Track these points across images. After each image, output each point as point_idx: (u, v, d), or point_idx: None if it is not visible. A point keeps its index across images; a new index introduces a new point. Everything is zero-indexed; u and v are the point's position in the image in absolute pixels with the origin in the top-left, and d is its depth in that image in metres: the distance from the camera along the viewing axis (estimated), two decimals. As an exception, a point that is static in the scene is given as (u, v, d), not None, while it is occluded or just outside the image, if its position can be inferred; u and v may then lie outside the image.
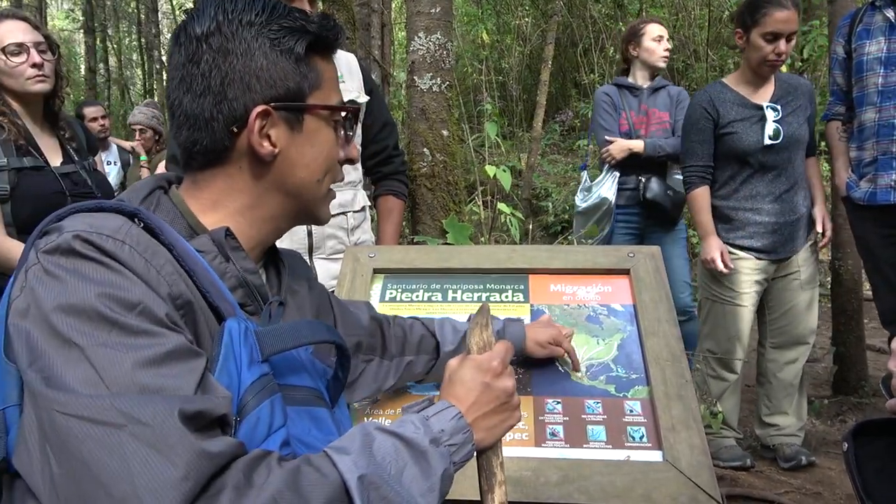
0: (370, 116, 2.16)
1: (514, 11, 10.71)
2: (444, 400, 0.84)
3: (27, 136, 2.03)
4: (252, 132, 0.82)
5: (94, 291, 0.65)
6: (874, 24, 2.60)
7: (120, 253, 0.69)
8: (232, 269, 0.82)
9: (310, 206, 0.90)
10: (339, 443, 0.72)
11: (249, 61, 0.81)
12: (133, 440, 0.59)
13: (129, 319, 0.65)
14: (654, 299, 1.47)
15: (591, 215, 3.25)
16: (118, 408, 0.60)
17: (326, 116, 0.88)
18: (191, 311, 0.73)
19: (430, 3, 2.77)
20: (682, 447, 1.21)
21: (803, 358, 2.70)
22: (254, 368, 0.75)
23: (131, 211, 0.75)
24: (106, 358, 0.63)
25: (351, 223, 2.09)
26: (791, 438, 2.67)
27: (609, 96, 3.29)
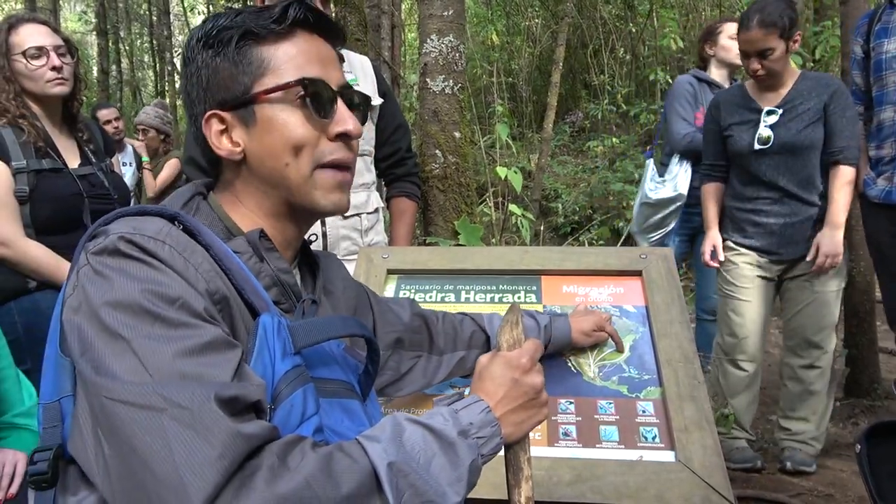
0: (383, 119, 2.18)
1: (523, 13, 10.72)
2: (473, 394, 0.87)
3: (46, 138, 2.06)
4: (208, 138, 0.88)
5: (138, 288, 0.70)
6: (892, 22, 2.58)
7: (161, 252, 0.74)
8: (266, 268, 0.87)
9: (296, 194, 0.88)
10: (371, 431, 0.75)
11: (201, 75, 0.87)
12: (173, 422, 0.63)
13: (170, 313, 0.70)
14: (666, 301, 1.48)
15: (663, 208, 3.15)
16: (160, 393, 0.64)
17: (283, 98, 0.86)
18: (227, 307, 0.78)
19: (442, 5, 2.78)
20: (694, 448, 1.22)
21: (822, 363, 2.59)
22: (287, 360, 0.79)
23: (172, 214, 0.80)
24: (149, 348, 0.67)
25: (364, 224, 2.11)
26: (803, 445, 2.61)
27: (692, 87, 3.19)
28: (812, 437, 2.61)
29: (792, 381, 2.65)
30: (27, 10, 8.81)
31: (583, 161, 8.95)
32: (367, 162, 2.13)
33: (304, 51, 0.88)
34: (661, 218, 3.19)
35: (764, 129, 2.51)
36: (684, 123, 3.11)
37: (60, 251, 1.97)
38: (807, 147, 2.49)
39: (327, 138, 0.88)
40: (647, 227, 3.24)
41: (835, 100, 2.47)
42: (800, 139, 2.48)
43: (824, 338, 2.59)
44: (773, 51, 2.44)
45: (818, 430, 2.62)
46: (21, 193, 1.96)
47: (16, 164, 1.96)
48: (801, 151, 2.49)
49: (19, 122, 2.00)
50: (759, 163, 2.55)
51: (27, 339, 1.97)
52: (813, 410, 2.61)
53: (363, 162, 2.11)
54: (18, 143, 1.98)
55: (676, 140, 3.13)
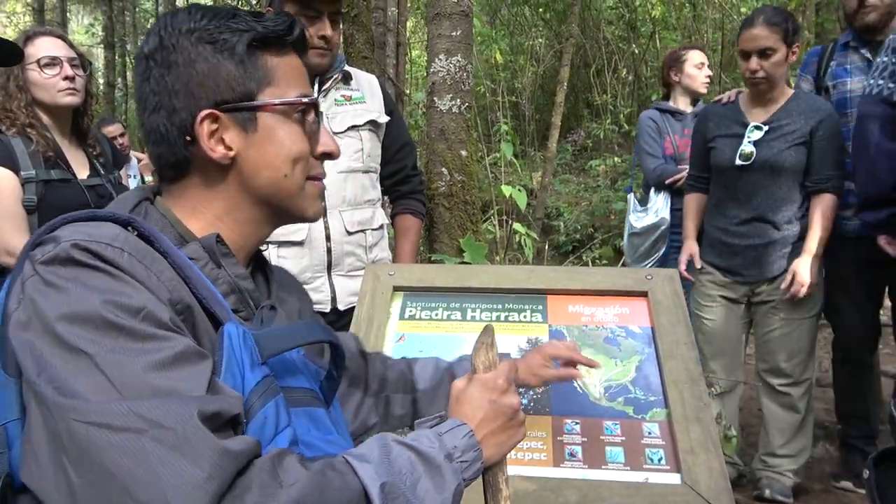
0: (389, 137, 2.19)
1: (527, 32, 10.81)
2: (454, 418, 0.86)
3: (56, 148, 2.08)
4: (202, 138, 0.82)
5: (98, 299, 0.65)
6: (851, 62, 2.65)
7: (120, 260, 0.69)
8: (224, 275, 0.83)
9: (286, 204, 0.89)
10: (359, 450, 0.74)
11: (191, 69, 0.82)
12: (155, 444, 0.59)
13: (135, 324, 0.65)
14: (671, 322, 1.49)
15: (649, 236, 3.24)
16: (137, 413, 0.60)
17: (285, 111, 0.86)
18: (190, 317, 0.74)
19: (451, 26, 2.81)
20: (700, 470, 1.21)
21: (797, 391, 2.51)
22: (256, 371, 0.76)
23: (125, 220, 0.76)
24: (116, 364, 0.63)
25: (369, 241, 2.11)
26: (781, 476, 2.54)
27: (653, 121, 3.31)
28: (790, 469, 2.54)
29: (770, 409, 2.59)
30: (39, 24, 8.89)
31: (585, 180, 8.98)
32: (372, 179, 2.15)
33: (298, 67, 0.90)
34: (649, 245, 3.27)
35: (746, 145, 2.49)
36: (651, 158, 3.27)
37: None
38: (786, 168, 2.45)
39: (313, 155, 0.90)
40: (638, 256, 3.33)
41: (823, 126, 2.44)
42: (780, 159, 2.45)
43: (796, 366, 2.52)
44: (775, 52, 2.42)
45: (797, 462, 2.55)
46: (29, 203, 1.97)
47: (24, 173, 1.97)
48: (781, 172, 2.46)
49: (28, 131, 2.02)
50: (737, 179, 2.53)
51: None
52: (792, 441, 2.54)
53: (369, 179, 2.12)
54: (27, 153, 2.00)
55: (649, 175, 3.30)
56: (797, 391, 2.52)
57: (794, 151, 2.45)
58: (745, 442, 3.02)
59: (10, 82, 2.04)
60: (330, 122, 2.04)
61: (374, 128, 2.13)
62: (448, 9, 2.81)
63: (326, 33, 1.94)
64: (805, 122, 2.46)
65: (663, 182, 3.20)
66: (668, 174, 3.18)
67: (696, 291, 2.68)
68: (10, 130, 2.00)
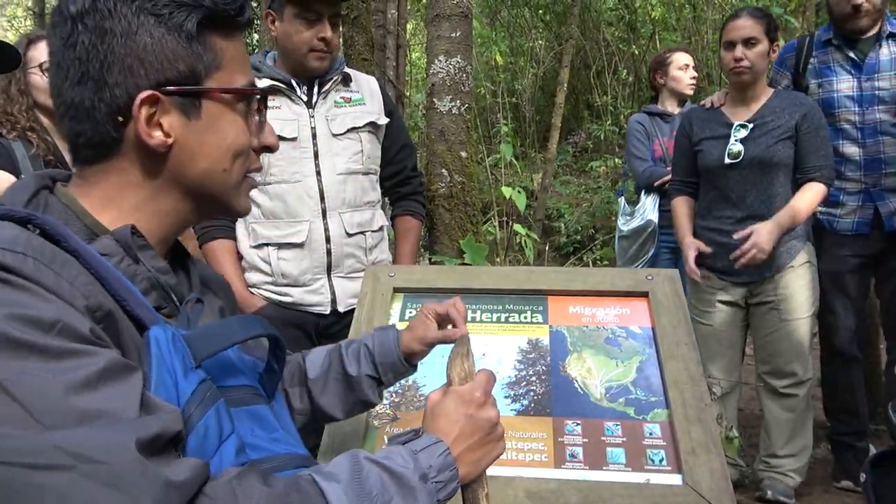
0: (389, 138, 2.19)
1: (527, 34, 10.82)
2: (429, 434, 0.80)
3: (56, 151, 2.08)
4: (139, 121, 0.73)
5: (1, 315, 0.56)
6: (833, 61, 2.67)
7: (23, 267, 0.59)
8: (142, 270, 0.75)
9: (219, 197, 0.83)
10: (328, 469, 0.70)
11: (131, 41, 0.72)
12: (86, 481, 0.51)
13: (49, 341, 0.56)
14: (672, 322, 1.48)
15: (636, 238, 3.28)
16: (60, 446, 0.52)
17: (230, 100, 0.80)
18: (112, 323, 0.66)
19: (450, 27, 2.82)
20: (702, 471, 1.21)
21: (798, 391, 2.50)
22: (190, 377, 0.69)
23: (23, 216, 0.65)
24: (30, 388, 0.53)
25: (369, 242, 2.11)
26: (783, 477, 2.53)
27: (641, 125, 3.36)
28: (792, 469, 2.53)
29: (770, 410, 2.58)
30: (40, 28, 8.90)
31: (585, 181, 8.98)
32: (372, 180, 2.15)
33: (244, 54, 0.83)
34: (637, 248, 3.30)
35: (734, 144, 2.50)
36: (640, 161, 3.32)
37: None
38: (776, 163, 2.46)
39: (253, 148, 0.85)
40: (627, 259, 3.36)
41: (807, 119, 2.45)
42: (769, 155, 2.45)
43: (797, 367, 2.51)
44: (759, 42, 2.46)
45: (799, 462, 2.54)
46: (29, 207, 1.98)
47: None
48: (771, 168, 2.47)
49: (28, 134, 2.02)
50: (727, 178, 2.53)
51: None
52: (793, 441, 2.53)
53: (368, 180, 2.12)
54: (28, 157, 2.00)
55: (638, 177, 3.35)
56: (799, 391, 2.52)
57: (782, 146, 2.46)
58: (746, 443, 3.01)
59: (11, 86, 2.04)
60: (329, 123, 2.05)
61: (374, 129, 2.13)
62: (447, 10, 2.81)
63: (326, 35, 1.95)
64: (789, 116, 2.47)
65: (653, 184, 3.24)
66: (656, 176, 3.22)
67: (694, 297, 2.67)
68: (10, 134, 2.01)
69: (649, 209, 3.23)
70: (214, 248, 2.06)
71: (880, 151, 2.61)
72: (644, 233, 3.26)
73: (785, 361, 2.51)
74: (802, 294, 2.50)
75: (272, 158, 1.98)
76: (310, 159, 2.02)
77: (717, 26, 8.64)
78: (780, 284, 2.50)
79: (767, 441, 2.59)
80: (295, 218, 2.01)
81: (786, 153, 2.46)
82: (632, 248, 3.32)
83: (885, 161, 2.61)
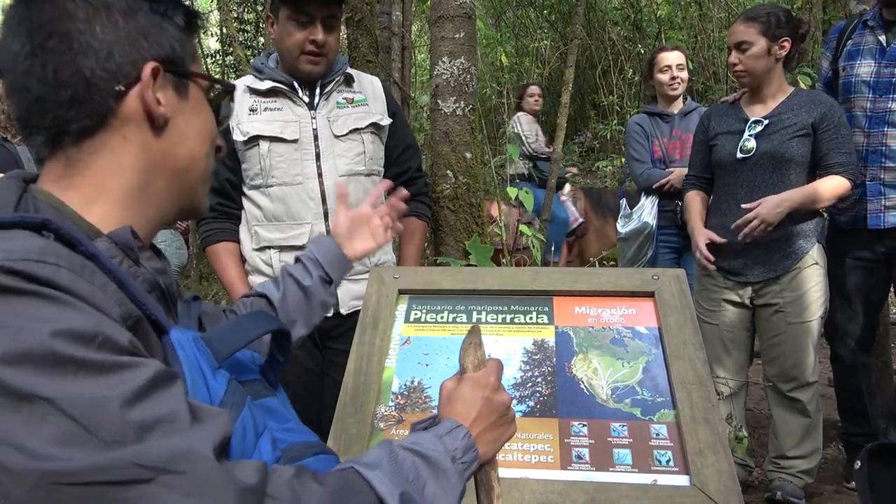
0: (393, 139, 2.18)
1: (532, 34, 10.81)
2: (449, 419, 0.85)
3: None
4: (147, 89, 0.74)
5: (45, 331, 0.54)
6: (864, 44, 2.59)
7: (58, 279, 0.58)
8: (143, 272, 0.74)
9: (194, 187, 0.84)
10: (367, 459, 0.72)
11: (132, 19, 0.75)
12: (167, 491, 0.52)
13: (93, 355, 0.55)
14: (678, 322, 1.47)
15: (634, 240, 3.28)
16: (137, 462, 0.52)
17: (205, 89, 0.85)
18: (142, 330, 0.66)
19: (454, 28, 2.81)
20: (709, 472, 1.20)
21: (805, 394, 2.47)
22: (219, 377, 0.71)
23: (38, 223, 0.63)
24: (84, 405, 0.53)
25: None
26: (792, 478, 2.51)
27: (640, 126, 3.35)
28: (802, 470, 2.51)
29: (778, 412, 2.55)
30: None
31: (591, 181, 8.95)
32: (374, 182, 2.14)
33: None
34: (636, 249, 3.30)
35: (748, 140, 2.48)
36: (638, 164, 3.32)
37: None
38: (788, 160, 2.42)
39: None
40: (627, 261, 3.37)
41: (827, 118, 2.41)
42: (781, 150, 2.42)
43: (802, 371, 2.47)
44: (751, 45, 2.44)
45: (809, 464, 2.51)
46: (36, 212, 1.98)
47: (31, 183, 1.99)
48: (782, 164, 2.43)
49: None
50: (738, 174, 2.51)
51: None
52: (802, 444, 2.50)
53: (371, 182, 2.12)
54: (33, 161, 2.01)
55: (636, 180, 3.35)
56: (806, 394, 2.49)
57: (796, 143, 2.42)
58: (755, 443, 2.99)
59: None
60: (331, 125, 2.04)
61: (377, 130, 2.12)
62: (451, 11, 2.81)
63: (317, 38, 1.93)
64: (806, 114, 2.43)
65: (651, 186, 3.23)
66: (654, 178, 3.22)
67: (700, 295, 2.66)
68: (15, 139, 2.02)
69: (647, 212, 3.23)
70: (218, 250, 2.06)
71: (882, 143, 2.54)
72: (641, 235, 3.25)
73: (790, 365, 2.48)
74: (810, 297, 2.46)
75: (274, 161, 1.98)
76: (311, 161, 2.01)
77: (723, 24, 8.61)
78: (787, 286, 2.47)
79: (776, 443, 2.57)
80: (296, 220, 2.00)
81: (799, 150, 2.42)
82: (630, 251, 3.32)
83: (885, 154, 2.54)
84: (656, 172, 3.23)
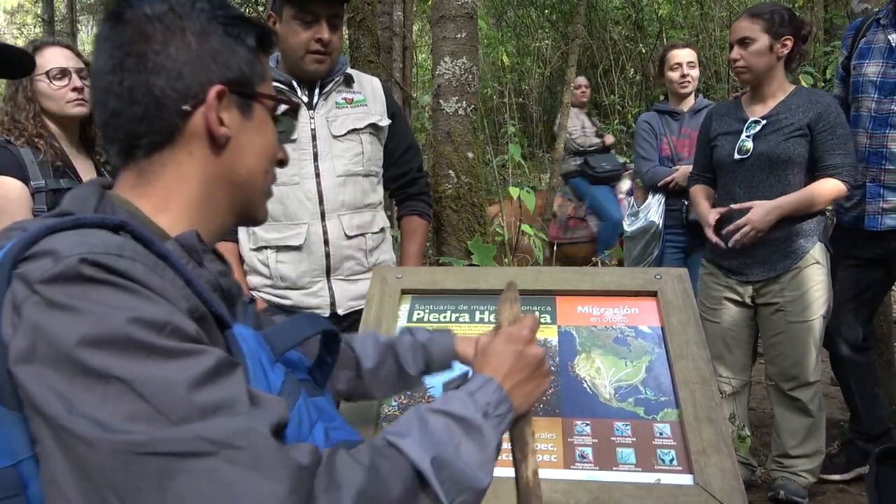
0: (393, 140, 2.18)
1: (533, 34, 10.81)
2: (480, 374, 0.86)
3: (64, 158, 2.09)
4: (210, 111, 0.79)
5: (122, 318, 0.60)
6: (875, 42, 2.57)
7: (134, 272, 0.64)
8: (206, 273, 0.79)
9: (254, 199, 0.88)
10: (397, 428, 0.74)
11: (204, 42, 0.79)
12: (228, 465, 0.57)
13: (164, 341, 0.61)
14: (682, 321, 1.47)
15: (640, 239, 3.27)
16: (201, 436, 0.57)
17: (270, 109, 0.88)
18: (206, 323, 0.71)
19: (455, 28, 2.81)
20: (713, 471, 1.20)
21: (807, 394, 2.46)
22: (276, 370, 0.76)
23: (117, 224, 0.69)
24: (155, 386, 0.58)
25: (369, 244, 2.10)
26: (796, 477, 2.50)
27: (648, 124, 3.34)
28: (805, 469, 2.50)
29: (780, 411, 2.55)
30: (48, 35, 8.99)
31: (593, 181, 8.95)
32: (373, 182, 2.13)
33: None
34: (642, 248, 3.29)
35: (745, 140, 2.48)
36: (644, 161, 3.31)
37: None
38: (784, 161, 2.40)
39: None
40: (633, 260, 3.35)
41: (823, 118, 2.38)
42: (777, 151, 2.41)
43: (803, 370, 2.46)
44: (753, 41, 2.43)
45: (812, 463, 2.51)
46: (39, 212, 1.99)
47: (34, 183, 1.99)
48: (779, 165, 2.42)
49: (36, 141, 2.03)
50: (736, 174, 2.51)
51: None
52: (805, 444, 2.49)
53: (369, 182, 2.11)
54: (37, 163, 2.01)
55: (642, 178, 3.36)
56: (807, 394, 2.48)
57: (792, 143, 2.40)
58: (758, 442, 2.99)
59: (18, 94, 2.06)
60: (329, 125, 2.04)
61: (375, 131, 2.12)
62: (452, 11, 2.81)
63: (323, 37, 1.93)
64: (803, 114, 2.42)
65: (656, 184, 3.23)
66: (659, 176, 3.21)
67: (702, 294, 2.65)
68: (18, 140, 2.02)
69: (653, 210, 3.22)
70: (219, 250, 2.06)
71: (883, 145, 2.53)
72: (647, 234, 3.24)
73: (791, 364, 2.47)
74: (810, 296, 2.44)
75: None
76: (309, 161, 2.01)
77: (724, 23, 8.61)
78: (787, 285, 2.46)
79: (778, 442, 2.56)
80: (293, 220, 2.00)
81: (796, 151, 2.40)
82: (636, 249, 3.31)
83: (885, 156, 2.53)
84: (661, 170, 3.22)
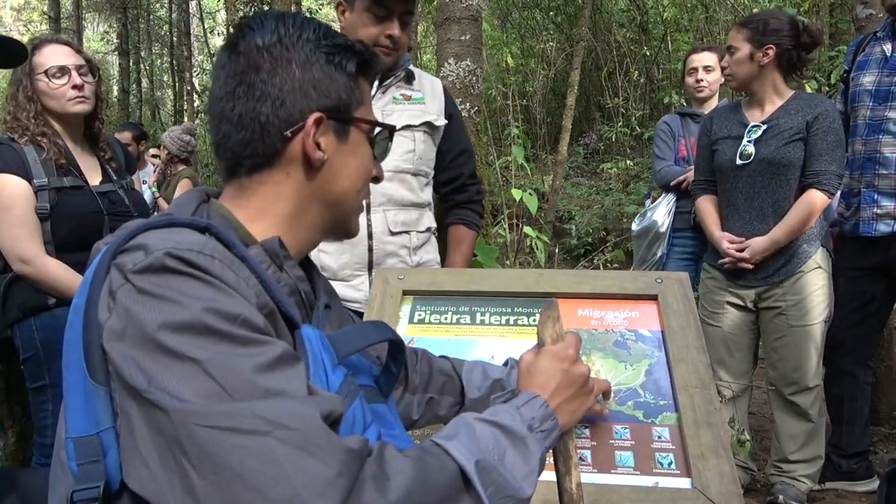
0: (447, 142, 2.13)
1: (538, 36, 10.81)
2: (527, 391, 0.90)
3: (68, 155, 2.10)
4: (308, 137, 0.85)
5: (199, 307, 0.67)
6: (872, 54, 2.62)
7: (212, 267, 0.71)
8: (285, 277, 0.85)
9: (346, 217, 0.95)
10: (445, 432, 0.78)
11: (307, 72, 0.86)
12: (281, 444, 0.61)
13: (235, 330, 0.67)
14: (682, 325, 1.47)
15: (643, 239, 3.27)
16: (259, 415, 0.62)
17: (367, 132, 0.93)
18: (274, 320, 0.76)
19: (460, 30, 2.82)
20: (711, 475, 1.20)
21: (807, 399, 2.46)
22: (337, 371, 0.80)
23: (203, 226, 0.77)
24: (223, 368, 0.64)
25: (414, 242, 2.06)
26: (795, 482, 2.50)
27: (668, 125, 3.36)
28: (804, 474, 2.50)
29: (780, 416, 2.55)
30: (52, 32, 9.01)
31: (596, 183, 8.96)
32: (421, 182, 2.08)
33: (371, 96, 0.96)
34: (645, 248, 3.28)
35: (747, 145, 2.48)
36: (659, 161, 3.33)
37: (79, 268, 2.00)
38: (785, 165, 2.42)
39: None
40: (637, 260, 3.37)
41: (819, 121, 2.40)
42: (778, 156, 2.42)
43: (804, 374, 2.46)
44: (737, 50, 2.48)
45: (811, 468, 2.51)
46: (42, 210, 1.99)
47: (38, 181, 1.99)
48: (780, 170, 2.43)
49: (39, 139, 2.04)
50: (738, 179, 2.51)
51: (45, 356, 1.99)
52: (804, 448, 2.49)
53: (417, 181, 2.06)
54: (40, 161, 2.02)
55: (655, 177, 3.37)
56: (807, 398, 2.48)
57: (792, 148, 2.42)
58: (758, 446, 2.99)
59: (19, 93, 2.06)
60: (385, 119, 2.00)
61: (430, 130, 2.07)
62: (457, 13, 2.82)
63: (394, 33, 1.91)
64: (801, 118, 2.43)
65: (668, 183, 3.21)
66: (671, 176, 3.20)
67: (704, 297, 2.66)
68: (21, 139, 2.03)
69: (658, 210, 3.20)
70: None
71: (877, 150, 2.55)
72: (650, 234, 3.22)
73: (792, 368, 2.48)
74: (812, 300, 2.45)
75: None
76: None
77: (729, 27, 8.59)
78: (789, 289, 2.46)
79: (778, 447, 2.56)
80: None
81: (797, 154, 2.42)
82: (640, 249, 3.30)
83: (879, 161, 2.55)
84: (674, 169, 3.20)
